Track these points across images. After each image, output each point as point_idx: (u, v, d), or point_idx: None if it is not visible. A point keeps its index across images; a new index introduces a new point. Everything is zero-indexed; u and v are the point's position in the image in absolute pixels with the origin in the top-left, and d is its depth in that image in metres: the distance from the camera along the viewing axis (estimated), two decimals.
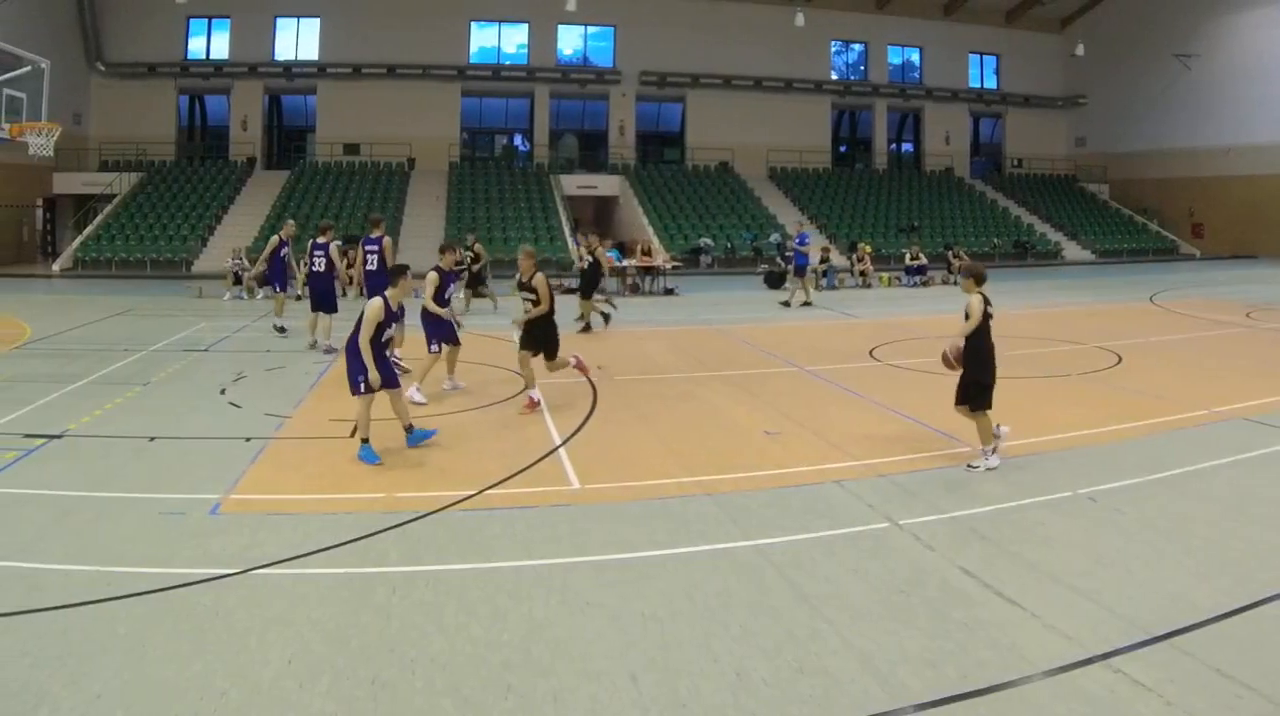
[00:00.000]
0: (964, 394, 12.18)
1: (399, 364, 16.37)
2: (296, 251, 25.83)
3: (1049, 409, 15.41)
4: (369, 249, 20.01)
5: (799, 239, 32.69)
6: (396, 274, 13.33)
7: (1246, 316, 27.24)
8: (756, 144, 62.88)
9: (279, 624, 7.50)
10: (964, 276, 12.53)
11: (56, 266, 45.01)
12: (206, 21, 58.39)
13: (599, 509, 10.45)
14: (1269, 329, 25.05)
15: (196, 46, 58.89)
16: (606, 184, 58.44)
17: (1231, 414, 14.95)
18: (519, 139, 65.78)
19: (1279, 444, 13.19)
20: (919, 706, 6.35)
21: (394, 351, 16.55)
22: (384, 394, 12.57)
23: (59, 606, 7.72)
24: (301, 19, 59.41)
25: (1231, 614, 7.66)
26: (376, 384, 12.21)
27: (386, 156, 58.07)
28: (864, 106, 69.12)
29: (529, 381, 15.38)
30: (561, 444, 13.22)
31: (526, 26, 62.18)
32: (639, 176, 59.19)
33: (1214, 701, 6.32)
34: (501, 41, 62.39)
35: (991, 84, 70.60)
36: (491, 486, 11.16)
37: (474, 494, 10.83)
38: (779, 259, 40.24)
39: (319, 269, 21.33)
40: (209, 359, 20.27)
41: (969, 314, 12.08)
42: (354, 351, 12.52)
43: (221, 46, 58.89)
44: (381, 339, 12.54)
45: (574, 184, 57.68)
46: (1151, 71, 62.62)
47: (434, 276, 16.03)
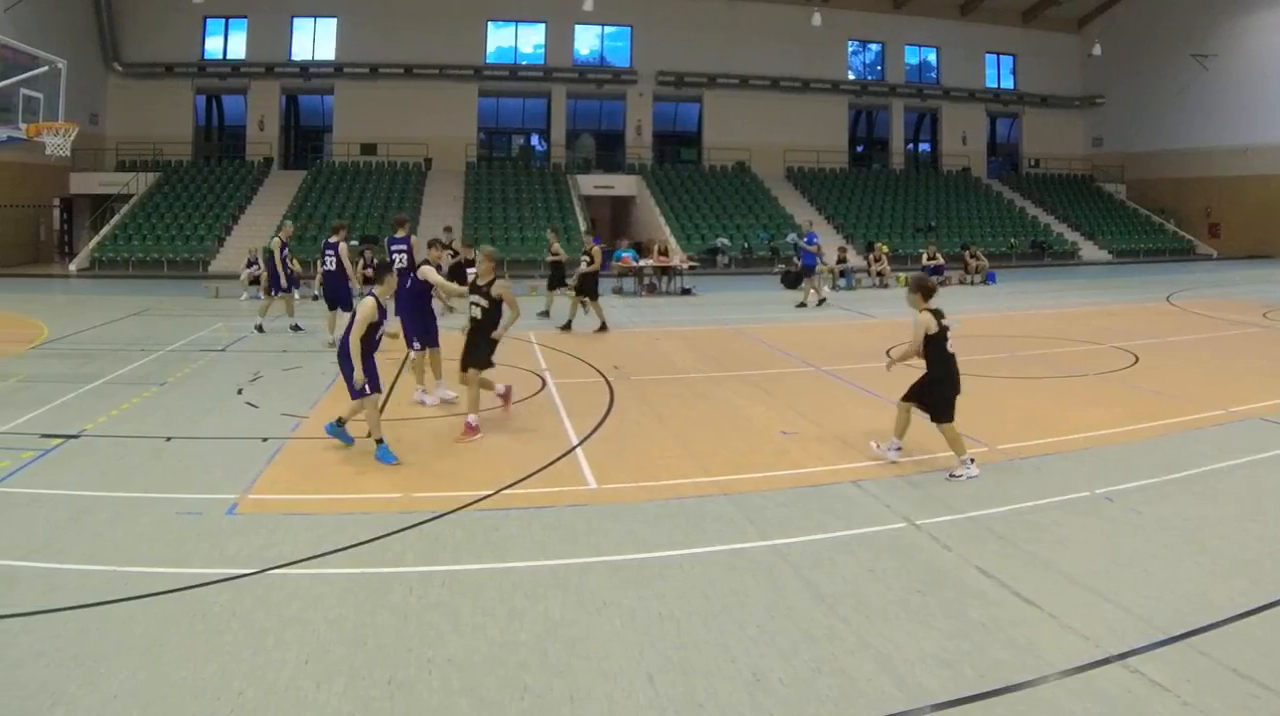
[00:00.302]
0: (932, 408, 12.10)
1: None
2: (301, 252, 25.94)
3: (1066, 409, 15.39)
4: (395, 249, 20.17)
5: (807, 238, 32.65)
6: (383, 272, 13.38)
7: (1263, 316, 27.16)
8: (773, 144, 62.79)
9: (296, 624, 7.52)
10: (911, 290, 12.45)
11: (73, 266, 45.14)
12: (223, 21, 58.52)
13: (616, 509, 10.46)
14: None
15: (213, 46, 59.04)
16: (623, 184, 58.38)
17: (1248, 414, 14.92)
18: (536, 139, 65.80)
19: None
20: (936, 706, 6.36)
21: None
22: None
23: (76, 606, 7.75)
24: (318, 19, 59.50)
25: (1248, 613, 7.66)
26: (360, 385, 12.25)
27: (403, 156, 58.13)
28: (881, 106, 68.99)
29: (469, 394, 14.09)
30: (578, 444, 13.24)
31: (543, 27, 62.21)
32: (656, 176, 59.14)
33: (1230, 701, 6.32)
34: (518, 42, 62.43)
35: (1008, 84, 70.42)
36: (508, 486, 11.18)
37: (491, 494, 10.85)
38: (796, 259, 40.22)
39: (330, 268, 21.49)
40: (226, 359, 20.33)
41: (925, 329, 12.00)
42: (343, 353, 12.60)
43: (238, 46, 59.01)
44: (375, 338, 12.63)
45: (591, 184, 57.65)
46: (1168, 71, 62.41)
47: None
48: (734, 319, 28.29)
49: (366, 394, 12.38)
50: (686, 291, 36.98)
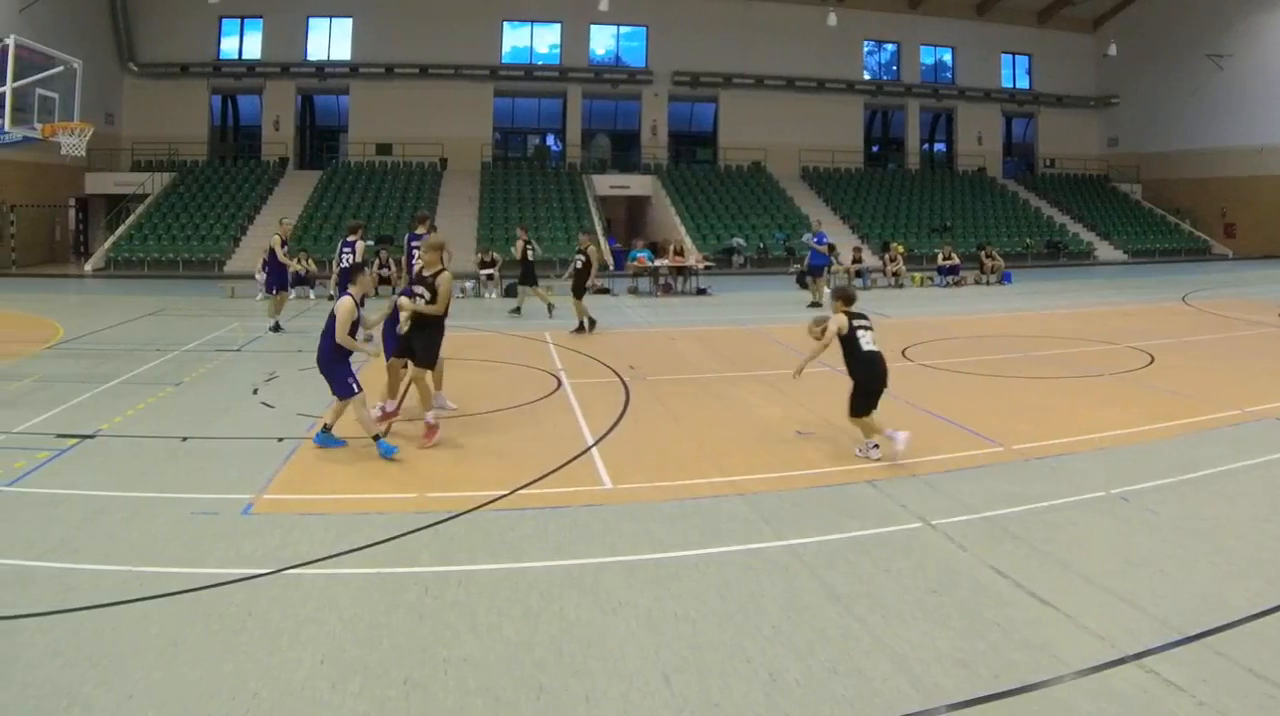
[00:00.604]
0: (851, 401, 12.63)
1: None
2: (317, 252, 26.02)
3: (1081, 409, 15.35)
4: (415, 245, 20.21)
5: (816, 238, 32.61)
6: (355, 272, 13.40)
7: (1279, 316, 27.07)
8: (789, 144, 62.66)
9: (311, 624, 7.52)
10: (833, 297, 13.24)
11: (89, 266, 45.29)
12: (239, 21, 58.63)
13: (631, 509, 10.45)
14: None
15: (229, 46, 59.17)
16: (639, 184, 58.42)
17: (1264, 414, 14.86)
18: (551, 139, 65.84)
19: None
20: (952, 706, 6.36)
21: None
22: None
23: (91, 606, 7.75)
24: (334, 19, 59.61)
25: (1264, 613, 7.63)
26: (347, 383, 12.44)
27: (419, 156, 58.16)
28: (897, 106, 68.90)
29: (420, 394, 13.96)
30: (594, 444, 13.24)
31: (559, 26, 62.23)
32: (671, 176, 59.11)
33: (1246, 701, 6.30)
34: (534, 41, 62.48)
35: (1024, 84, 70.23)
36: (524, 486, 11.17)
37: (506, 494, 10.85)
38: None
39: (347, 266, 21.59)
40: (241, 359, 20.39)
41: (838, 330, 12.68)
42: (329, 357, 12.69)
43: (254, 46, 59.13)
44: (353, 337, 12.72)
45: (606, 184, 57.71)
46: (1184, 71, 62.17)
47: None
48: (749, 319, 28.27)
49: (354, 393, 12.46)
50: (702, 291, 36.96)
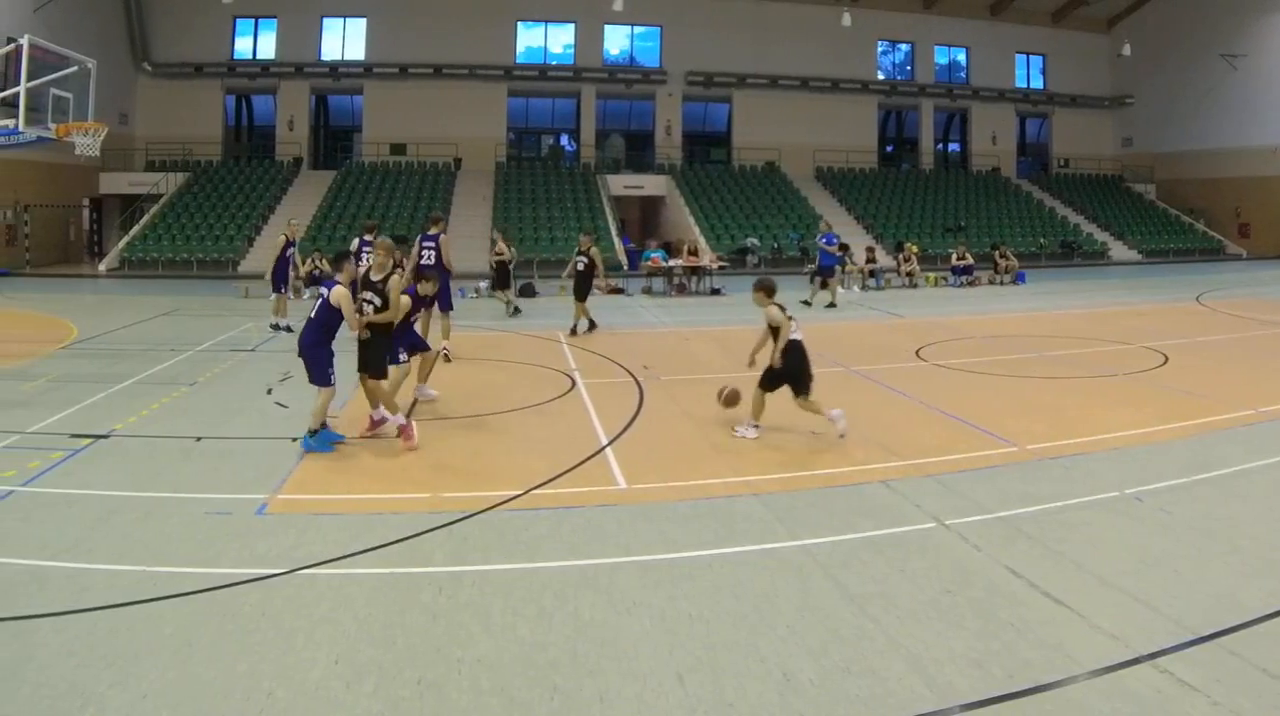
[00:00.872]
0: (763, 378, 13.64)
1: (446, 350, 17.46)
2: (330, 252, 26.15)
3: (1095, 408, 15.34)
4: (426, 244, 20.38)
5: (825, 239, 32.57)
6: (341, 260, 13.58)
7: None
8: (803, 144, 62.66)
9: (325, 624, 7.53)
10: (754, 289, 14.05)
11: (103, 266, 45.43)
12: (253, 21, 58.84)
13: (645, 509, 10.44)
14: None
15: (243, 46, 59.36)
16: (653, 184, 58.44)
17: (1278, 414, 14.81)
18: (565, 139, 65.96)
19: None
20: (966, 706, 6.36)
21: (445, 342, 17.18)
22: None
23: (106, 606, 7.77)
24: (348, 19, 59.76)
25: (1278, 614, 7.63)
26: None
27: (433, 156, 58.28)
28: (910, 106, 68.83)
29: (383, 401, 13.62)
30: (608, 444, 13.24)
31: (573, 27, 62.31)
32: (685, 176, 59.13)
33: (1261, 701, 6.30)
34: (548, 42, 62.56)
35: (1038, 84, 70.11)
36: (538, 486, 11.17)
37: (520, 494, 10.85)
38: (835, 259, 40.13)
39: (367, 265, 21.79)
40: (255, 359, 20.42)
41: (773, 323, 13.74)
42: (313, 342, 12.86)
43: (268, 46, 59.31)
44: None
45: (620, 184, 57.76)
46: (1198, 71, 62.06)
47: (405, 301, 15.91)
48: (763, 319, 28.14)
49: (331, 384, 12.69)
50: (716, 291, 36.96)
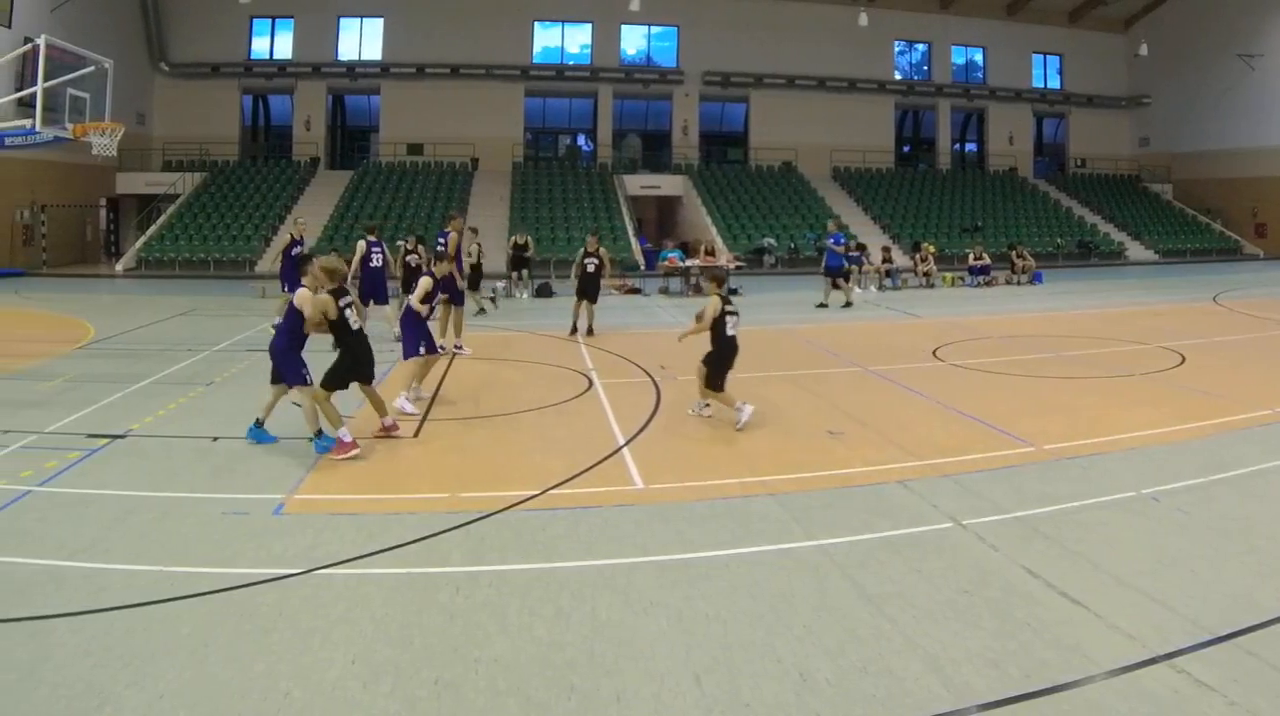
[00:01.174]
0: (706, 377, 14.34)
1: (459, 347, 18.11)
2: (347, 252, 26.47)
3: (1112, 409, 15.34)
4: (439, 240, 20.86)
5: (833, 239, 32.50)
6: (305, 263, 13.60)
7: None
8: (820, 144, 62.55)
9: (342, 624, 7.56)
10: (705, 278, 14.21)
11: (120, 266, 45.51)
12: (270, 21, 58.91)
13: (662, 509, 10.45)
14: None
15: (260, 46, 59.45)
16: (670, 184, 58.34)
17: None
18: (582, 139, 65.95)
19: None
20: (983, 706, 6.38)
21: (458, 341, 17.43)
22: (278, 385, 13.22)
23: (122, 606, 7.80)
24: (365, 19, 59.82)
25: None
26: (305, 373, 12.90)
27: (450, 156, 58.28)
28: (928, 106, 68.67)
29: (380, 407, 13.70)
30: (625, 444, 13.25)
31: (590, 26, 62.28)
32: (702, 176, 59.02)
33: (1278, 701, 6.31)
34: (565, 41, 62.54)
35: (1055, 84, 69.88)
36: (555, 486, 11.19)
37: (537, 494, 10.87)
38: (844, 259, 40.06)
39: (376, 264, 22.20)
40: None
41: (700, 315, 14.54)
42: (284, 347, 12.94)
43: (285, 46, 59.38)
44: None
45: (637, 184, 57.65)
46: (1215, 71, 61.83)
47: (426, 280, 16.02)
48: (780, 319, 28.23)
49: (307, 382, 12.77)
50: (733, 292, 36.65)
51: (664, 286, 38.15)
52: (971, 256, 43.46)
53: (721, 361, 14.37)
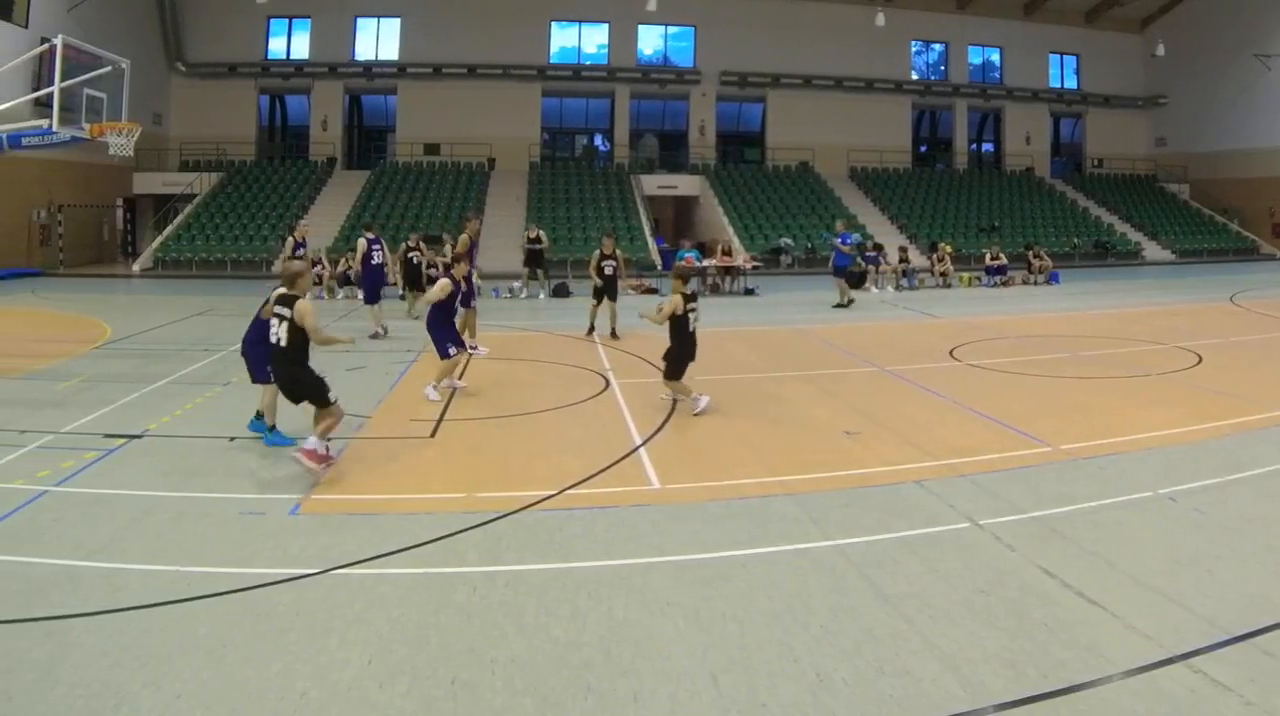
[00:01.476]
0: (666, 370, 15.50)
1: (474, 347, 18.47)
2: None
3: (1129, 409, 15.30)
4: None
5: (841, 238, 32.39)
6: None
7: None
8: (837, 144, 62.45)
9: (359, 624, 7.57)
10: (673, 276, 16.27)
11: (136, 266, 45.61)
12: (287, 22, 59.00)
13: (679, 509, 10.45)
14: None
15: (277, 47, 59.52)
16: (687, 184, 58.28)
17: None
18: (599, 139, 65.94)
19: None
20: (999, 706, 6.38)
21: (473, 341, 17.57)
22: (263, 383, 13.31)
23: (139, 606, 7.82)
24: (382, 19, 59.86)
25: None
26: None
27: (467, 156, 58.27)
28: (944, 106, 68.51)
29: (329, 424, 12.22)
30: (642, 444, 13.25)
31: (607, 27, 62.24)
32: (719, 176, 58.94)
33: None
34: (582, 42, 62.53)
35: (1072, 84, 69.68)
36: (572, 486, 11.20)
37: (554, 494, 10.88)
38: (860, 259, 39.93)
39: (377, 262, 22.60)
40: None
41: (660, 307, 15.57)
42: (255, 342, 13.19)
43: (302, 46, 59.46)
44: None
45: (654, 184, 57.58)
46: (1232, 71, 61.57)
47: (446, 282, 16.22)
48: (797, 319, 28.24)
49: (270, 380, 12.83)
50: (750, 291, 36.90)
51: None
52: (988, 256, 43.36)
53: (682, 356, 15.32)
